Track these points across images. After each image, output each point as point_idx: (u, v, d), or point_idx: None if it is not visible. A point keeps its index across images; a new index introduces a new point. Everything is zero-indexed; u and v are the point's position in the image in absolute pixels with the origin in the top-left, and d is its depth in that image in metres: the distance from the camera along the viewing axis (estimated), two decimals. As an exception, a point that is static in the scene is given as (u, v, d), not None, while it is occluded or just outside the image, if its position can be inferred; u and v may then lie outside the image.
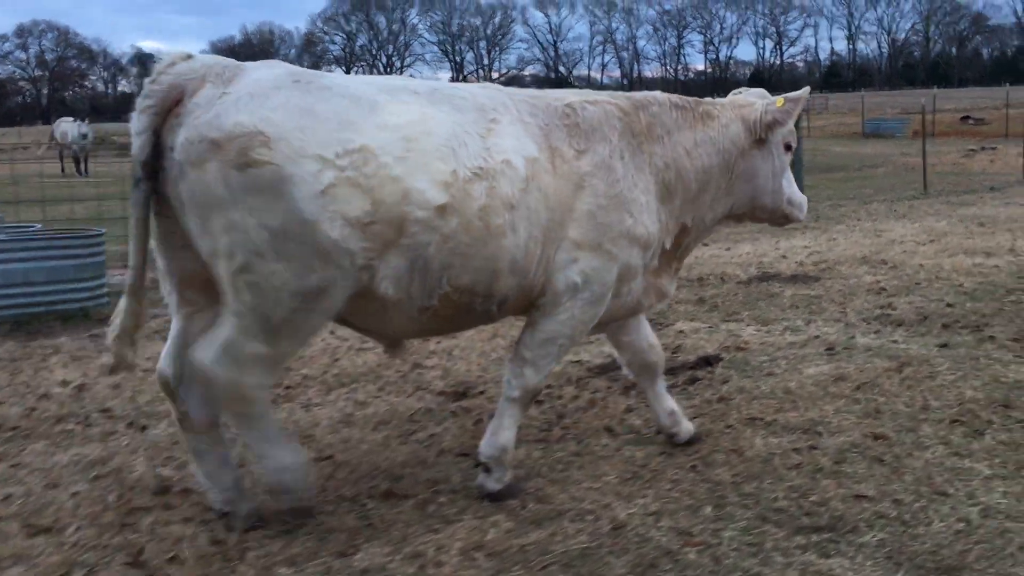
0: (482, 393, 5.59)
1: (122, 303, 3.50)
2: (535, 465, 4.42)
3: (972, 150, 26.75)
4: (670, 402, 4.41)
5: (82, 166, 29.33)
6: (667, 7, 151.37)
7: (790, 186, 4.47)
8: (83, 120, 31.84)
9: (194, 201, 3.22)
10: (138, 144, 3.27)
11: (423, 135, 3.36)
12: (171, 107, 3.26)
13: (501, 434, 3.91)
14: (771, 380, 5.62)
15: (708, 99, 4.45)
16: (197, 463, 3.71)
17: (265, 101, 3.21)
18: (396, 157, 3.27)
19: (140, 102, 3.29)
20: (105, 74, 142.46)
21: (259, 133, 3.15)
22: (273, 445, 3.54)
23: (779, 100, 4.25)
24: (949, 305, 7.52)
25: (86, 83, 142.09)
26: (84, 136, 29.53)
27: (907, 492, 3.99)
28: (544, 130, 3.74)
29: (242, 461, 4.23)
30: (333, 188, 3.17)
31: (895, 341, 6.39)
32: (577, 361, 6.12)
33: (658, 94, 4.20)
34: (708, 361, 6.02)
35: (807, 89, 4.46)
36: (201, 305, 3.53)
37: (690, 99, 4.31)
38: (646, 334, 4.36)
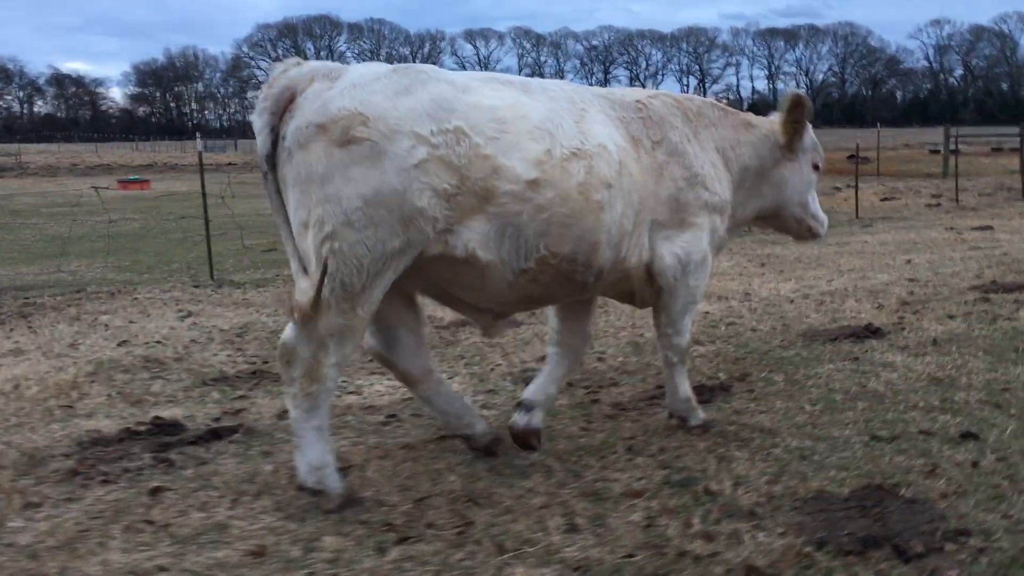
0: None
1: (296, 288, 3.60)
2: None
3: (837, 188, 27.10)
4: (554, 389, 4.53)
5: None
6: (594, 43, 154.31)
7: (814, 203, 4.97)
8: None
9: (297, 179, 3.47)
10: (260, 140, 3.53)
11: (516, 118, 3.68)
12: (285, 106, 3.52)
13: (680, 389, 4.57)
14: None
15: (748, 112, 4.93)
16: (431, 406, 4.20)
17: (366, 87, 3.50)
18: (488, 137, 3.57)
19: (259, 103, 3.55)
20: (21, 94, 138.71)
21: (359, 114, 3.43)
22: (319, 438, 3.66)
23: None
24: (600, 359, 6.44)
25: (0, 103, 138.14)
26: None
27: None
28: (624, 122, 4.14)
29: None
30: (425, 163, 3.45)
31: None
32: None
33: (690, 95, 4.75)
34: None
35: (791, 93, 4.77)
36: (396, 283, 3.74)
37: (730, 107, 4.81)
38: (590, 323, 4.58)
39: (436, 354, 6.18)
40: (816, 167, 4.90)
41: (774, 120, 4.78)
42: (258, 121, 3.55)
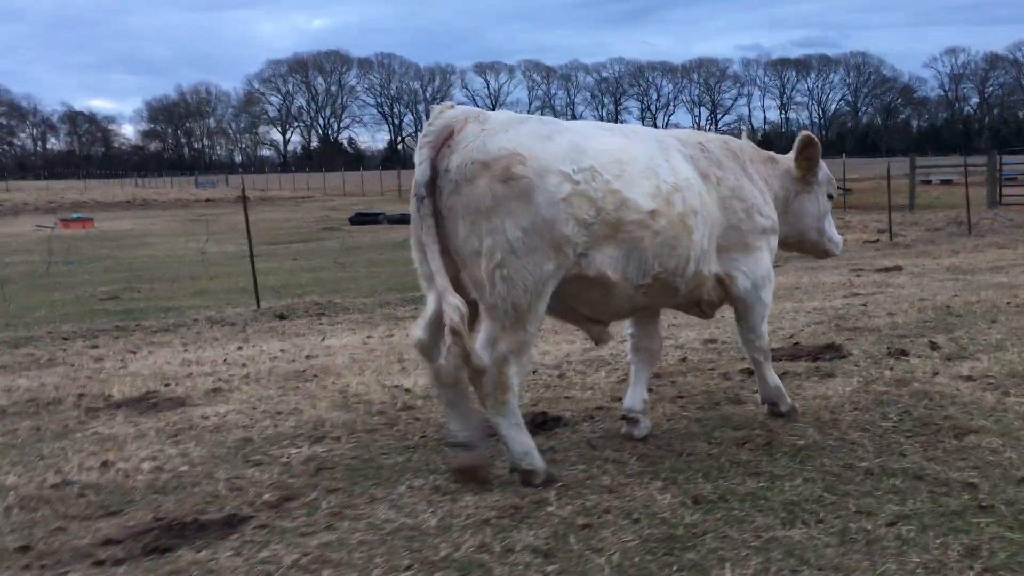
0: None
1: (447, 303, 3.90)
2: None
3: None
4: (646, 393, 5.07)
5: None
6: (604, 75, 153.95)
7: (830, 227, 5.64)
8: None
9: (467, 210, 3.93)
10: (421, 170, 3.97)
11: (630, 160, 4.30)
12: (443, 142, 4.01)
13: (769, 381, 5.19)
14: None
15: (771, 151, 5.51)
16: (449, 410, 4.25)
17: (517, 130, 4.04)
18: (614, 175, 4.17)
19: (421, 139, 4.03)
20: (34, 132, 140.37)
21: (517, 154, 3.94)
22: (522, 431, 4.17)
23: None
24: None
25: (15, 140, 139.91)
26: None
27: None
28: (694, 160, 4.75)
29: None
30: (570, 197, 3.98)
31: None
32: None
33: (730, 137, 5.33)
34: None
35: (802, 134, 5.36)
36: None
37: (756, 146, 5.40)
38: (660, 329, 5.25)
39: None
40: (830, 196, 5.61)
41: (788, 159, 5.39)
42: (420, 155, 4.02)
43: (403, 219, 30.81)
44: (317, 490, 4.16)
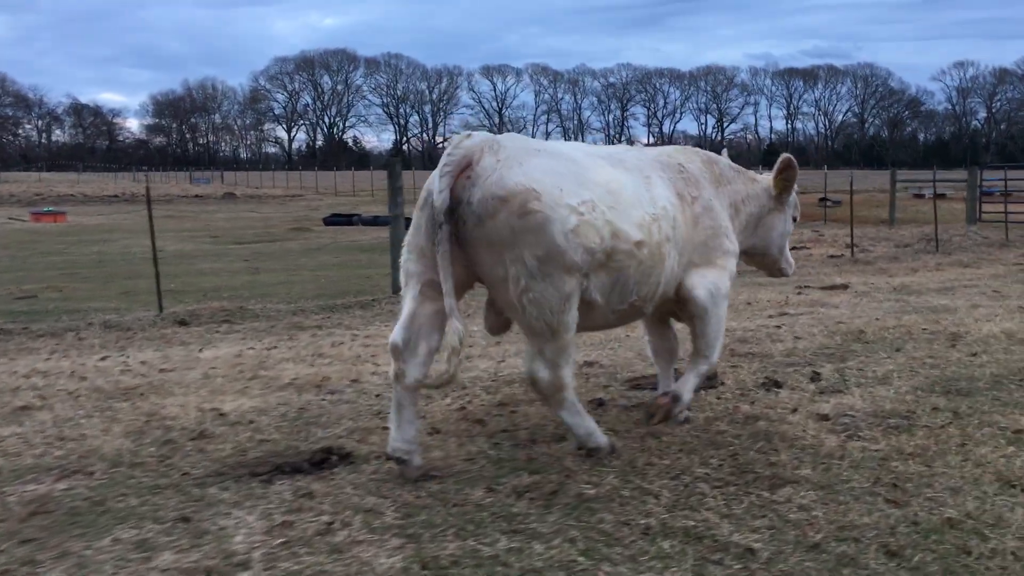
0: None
1: (451, 326, 4.22)
2: None
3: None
4: (670, 383, 5.47)
5: None
6: (612, 80, 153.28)
7: (788, 250, 6.07)
8: None
9: (491, 242, 4.23)
10: (441, 198, 4.18)
11: (619, 190, 4.54)
12: (462, 171, 4.27)
13: (688, 388, 5.22)
14: None
15: (751, 171, 5.88)
16: (395, 412, 4.46)
17: (527, 165, 4.30)
18: (608, 206, 4.42)
19: (442, 167, 4.25)
20: (40, 123, 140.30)
21: (532, 190, 4.21)
22: (582, 416, 4.68)
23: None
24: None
25: (19, 131, 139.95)
26: None
27: None
28: (671, 182, 4.98)
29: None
30: (577, 227, 4.26)
31: None
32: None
33: (713, 154, 5.62)
34: None
35: (782, 156, 5.71)
36: (436, 298, 4.35)
37: (737, 165, 5.71)
38: (672, 328, 5.67)
39: None
40: (795, 219, 5.99)
41: (768, 177, 5.74)
42: (441, 183, 4.20)
43: (376, 221, 30.31)
44: (11, 539, 3.69)
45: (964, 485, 4.33)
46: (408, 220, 4.98)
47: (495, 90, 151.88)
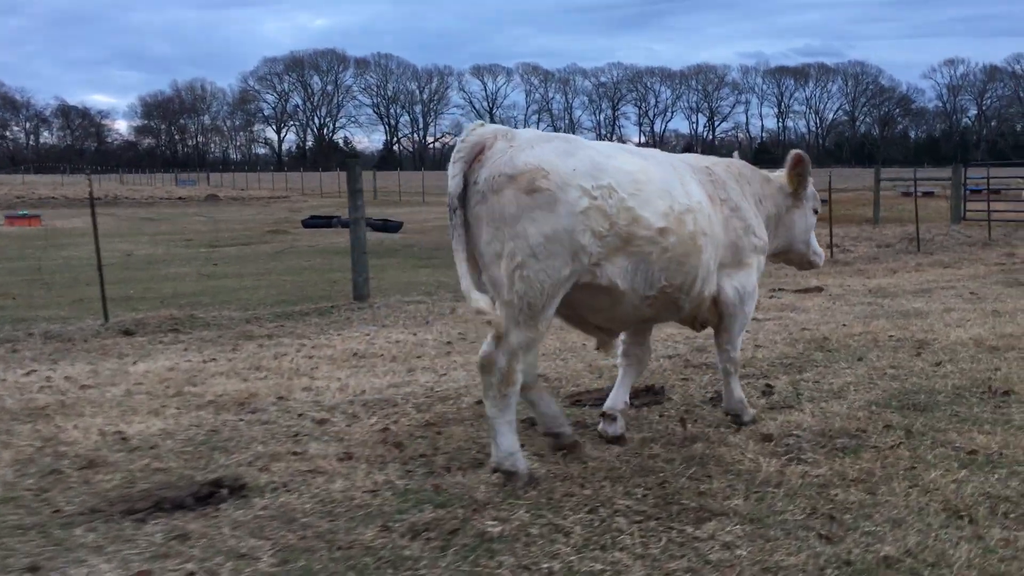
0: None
1: (471, 300, 4.21)
2: None
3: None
4: (628, 396, 5.39)
5: None
6: (602, 79, 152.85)
7: (814, 240, 6.04)
8: None
9: (491, 217, 4.26)
10: (454, 183, 4.29)
11: (647, 180, 4.59)
12: (475, 157, 4.34)
13: (734, 393, 5.46)
14: None
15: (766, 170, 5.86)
16: (535, 407, 4.87)
17: (542, 147, 4.36)
18: (630, 193, 4.46)
19: (455, 155, 4.34)
20: (28, 125, 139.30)
21: (541, 169, 4.26)
22: (511, 431, 4.41)
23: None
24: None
25: (7, 134, 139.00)
26: None
27: None
28: (702, 183, 5.08)
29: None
30: (587, 210, 4.29)
31: None
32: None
33: (734, 160, 5.72)
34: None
35: (793, 152, 5.73)
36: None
37: (753, 166, 5.76)
38: (650, 339, 5.63)
39: None
40: (815, 211, 5.95)
41: (782, 175, 5.73)
42: (454, 168, 4.31)
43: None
44: None
45: (907, 516, 3.98)
46: (368, 223, 5.15)
47: (486, 90, 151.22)
